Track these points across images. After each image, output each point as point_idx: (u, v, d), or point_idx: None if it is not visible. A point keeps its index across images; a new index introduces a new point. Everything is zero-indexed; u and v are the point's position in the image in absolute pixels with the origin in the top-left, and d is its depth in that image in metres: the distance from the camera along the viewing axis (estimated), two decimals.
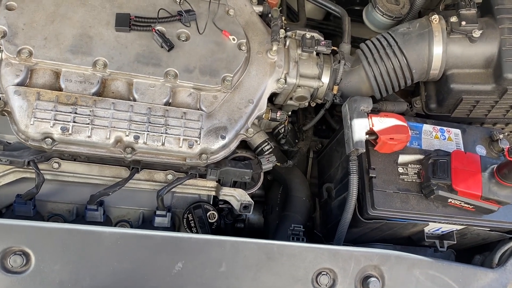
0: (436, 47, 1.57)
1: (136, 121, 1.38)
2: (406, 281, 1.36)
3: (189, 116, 1.42)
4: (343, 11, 1.81)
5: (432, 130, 1.63)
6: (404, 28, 1.63)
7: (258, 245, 1.26)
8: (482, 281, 1.46)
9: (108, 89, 1.41)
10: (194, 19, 1.51)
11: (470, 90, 1.62)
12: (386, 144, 1.47)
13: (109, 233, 1.19)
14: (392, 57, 1.59)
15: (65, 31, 1.40)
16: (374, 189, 1.47)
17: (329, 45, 1.63)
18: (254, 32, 1.61)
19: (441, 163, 1.46)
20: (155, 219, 1.49)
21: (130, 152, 1.38)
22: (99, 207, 1.46)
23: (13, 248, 1.14)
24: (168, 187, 1.47)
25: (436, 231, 1.62)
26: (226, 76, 1.48)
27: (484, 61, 1.59)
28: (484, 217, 1.51)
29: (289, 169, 1.80)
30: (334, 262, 1.30)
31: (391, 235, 1.63)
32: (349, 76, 1.66)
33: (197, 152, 1.42)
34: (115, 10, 1.46)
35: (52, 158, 1.45)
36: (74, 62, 1.37)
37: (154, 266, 1.20)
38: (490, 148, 1.64)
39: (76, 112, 1.34)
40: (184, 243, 1.23)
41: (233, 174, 1.54)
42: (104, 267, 1.17)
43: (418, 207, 1.48)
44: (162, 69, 1.43)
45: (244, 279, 1.24)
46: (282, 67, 1.59)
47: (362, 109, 1.50)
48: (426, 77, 1.65)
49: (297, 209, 1.73)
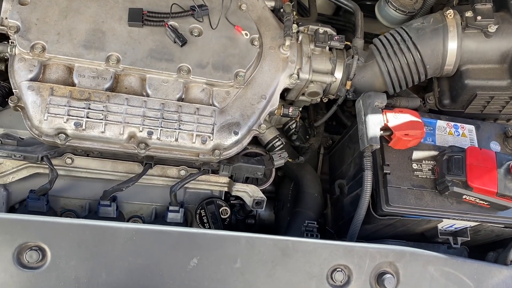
0: (450, 42, 1.55)
1: (150, 116, 1.37)
2: (420, 278, 1.35)
3: (202, 111, 1.42)
4: (356, 6, 1.79)
5: (446, 126, 1.61)
6: (418, 23, 1.61)
7: (274, 241, 1.26)
8: (497, 278, 1.45)
9: (121, 85, 1.41)
10: (206, 14, 1.50)
11: (484, 86, 1.61)
12: (401, 140, 1.46)
13: (124, 229, 1.19)
14: (406, 52, 1.57)
15: (78, 26, 1.39)
16: (388, 185, 1.47)
17: (343, 40, 1.62)
18: (267, 27, 1.60)
19: (456, 159, 1.45)
20: (168, 214, 1.49)
21: (144, 148, 1.37)
22: (112, 202, 1.46)
23: (29, 243, 1.14)
24: (181, 182, 1.46)
25: (449, 228, 1.61)
26: (239, 72, 1.47)
27: (499, 56, 1.58)
28: (499, 213, 1.50)
29: (300, 165, 1.79)
30: (349, 258, 1.29)
31: (404, 232, 1.62)
32: (363, 71, 1.65)
33: (210, 148, 1.42)
34: (128, 5, 1.45)
35: (65, 153, 1.45)
36: (87, 57, 1.37)
37: (170, 261, 1.20)
38: (505, 144, 1.63)
39: (90, 107, 1.34)
40: (200, 239, 1.22)
41: (245, 170, 1.53)
42: (120, 262, 1.17)
43: (433, 204, 1.47)
44: (175, 64, 1.42)
45: (259, 275, 1.24)
46: (295, 62, 1.58)
47: (376, 105, 1.49)
48: (440, 73, 1.63)
49: (309, 205, 1.72)
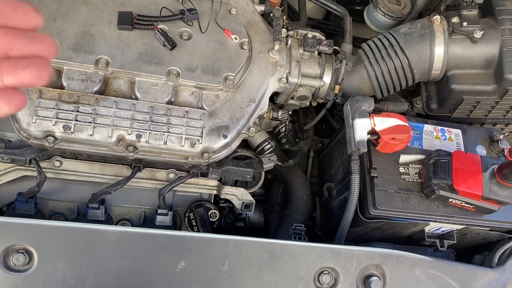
0: (437, 48, 1.58)
1: (138, 119, 1.38)
2: (407, 280, 1.36)
3: (191, 115, 1.42)
4: (345, 10, 1.81)
5: (433, 130, 1.63)
6: (406, 28, 1.63)
7: (261, 244, 1.26)
8: (482, 281, 1.47)
9: (110, 88, 1.41)
10: (196, 18, 1.51)
11: (471, 90, 1.63)
12: (388, 144, 1.47)
13: (112, 232, 1.19)
14: (393, 57, 1.59)
15: (67, 29, 1.39)
16: (376, 188, 1.48)
17: (331, 45, 1.64)
18: (256, 31, 1.61)
19: (442, 163, 1.47)
20: (157, 217, 1.49)
21: (132, 151, 1.38)
22: (101, 205, 1.45)
23: (15, 246, 1.14)
24: (170, 185, 1.46)
25: (436, 231, 1.63)
26: (228, 75, 1.48)
27: (485, 61, 1.60)
28: (485, 217, 1.52)
29: (289, 168, 1.80)
30: (336, 261, 1.31)
31: (392, 235, 1.64)
32: (351, 75, 1.66)
33: (199, 151, 1.42)
34: (118, 9, 1.46)
35: (54, 156, 1.44)
36: (76, 60, 1.37)
37: (157, 264, 1.20)
38: (490, 149, 1.65)
39: (78, 110, 1.34)
40: (187, 242, 1.23)
41: (234, 173, 1.54)
42: (107, 265, 1.17)
43: (419, 207, 1.49)
44: (164, 67, 1.43)
45: (247, 278, 1.24)
46: (284, 67, 1.59)
47: (364, 109, 1.50)
48: (427, 78, 1.65)
49: (298, 208, 1.73)
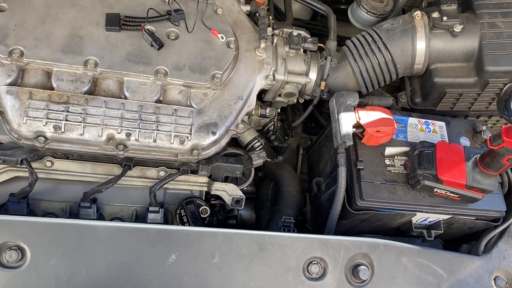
0: (419, 42, 1.62)
1: (128, 118, 1.40)
2: (394, 269, 1.39)
3: (179, 113, 1.45)
4: (329, 9, 1.85)
5: (417, 123, 1.67)
6: (388, 25, 1.67)
7: (250, 236, 1.29)
8: (469, 268, 1.50)
9: (100, 88, 1.44)
10: (183, 18, 1.54)
11: (453, 83, 1.67)
12: (373, 136, 1.51)
13: (103, 227, 1.21)
14: (377, 53, 1.63)
15: (56, 31, 1.42)
16: (362, 180, 1.51)
17: (316, 42, 1.67)
18: (242, 31, 1.65)
19: (426, 153, 1.50)
20: (148, 215, 1.51)
21: (122, 149, 1.40)
22: (92, 204, 1.47)
23: (8, 243, 1.16)
24: (161, 183, 1.49)
25: (423, 221, 1.66)
26: (216, 74, 1.51)
27: (465, 55, 1.64)
28: (470, 206, 1.56)
29: (279, 165, 1.83)
30: (324, 251, 1.33)
31: (380, 226, 1.67)
32: (336, 72, 1.70)
33: (189, 148, 1.45)
34: (105, 10, 1.49)
35: (45, 156, 1.47)
36: (65, 62, 1.39)
37: (149, 258, 1.22)
38: (474, 140, 1.69)
39: (68, 110, 1.36)
40: (178, 236, 1.25)
41: (224, 169, 1.57)
42: (99, 260, 1.19)
43: (405, 198, 1.52)
44: (152, 67, 1.46)
45: (237, 270, 1.27)
46: (270, 64, 1.62)
47: (349, 103, 1.54)
48: (411, 72, 1.69)
49: (288, 203, 1.76)
